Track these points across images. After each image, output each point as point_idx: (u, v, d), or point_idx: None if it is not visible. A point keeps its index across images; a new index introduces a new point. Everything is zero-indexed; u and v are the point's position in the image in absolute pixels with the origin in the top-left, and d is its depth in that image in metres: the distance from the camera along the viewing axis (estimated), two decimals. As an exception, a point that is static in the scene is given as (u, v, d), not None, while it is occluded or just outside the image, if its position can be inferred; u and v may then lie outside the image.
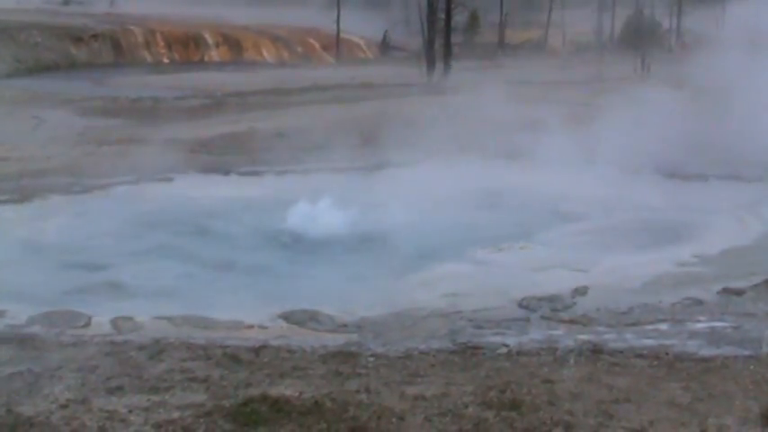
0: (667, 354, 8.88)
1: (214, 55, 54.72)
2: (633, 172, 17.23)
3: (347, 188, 16.24)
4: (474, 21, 59.36)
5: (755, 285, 11.33)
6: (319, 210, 14.87)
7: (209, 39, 55.33)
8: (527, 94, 27.64)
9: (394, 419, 7.38)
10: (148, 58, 52.68)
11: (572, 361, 8.68)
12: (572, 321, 10.15)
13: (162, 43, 53.94)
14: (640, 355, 8.84)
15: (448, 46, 44.92)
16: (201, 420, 7.35)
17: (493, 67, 46.16)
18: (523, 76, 36.16)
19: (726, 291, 11.23)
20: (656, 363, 8.66)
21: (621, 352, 8.96)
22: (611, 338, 9.40)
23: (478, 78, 23.93)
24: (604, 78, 36.21)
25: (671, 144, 17.97)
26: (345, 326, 10.16)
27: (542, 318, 10.38)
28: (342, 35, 56.48)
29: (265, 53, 55.77)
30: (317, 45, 57.59)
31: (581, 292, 11.39)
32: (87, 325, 10.00)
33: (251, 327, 10.14)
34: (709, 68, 20.00)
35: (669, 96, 20.16)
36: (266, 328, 10.13)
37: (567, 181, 16.53)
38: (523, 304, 10.90)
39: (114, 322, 10.05)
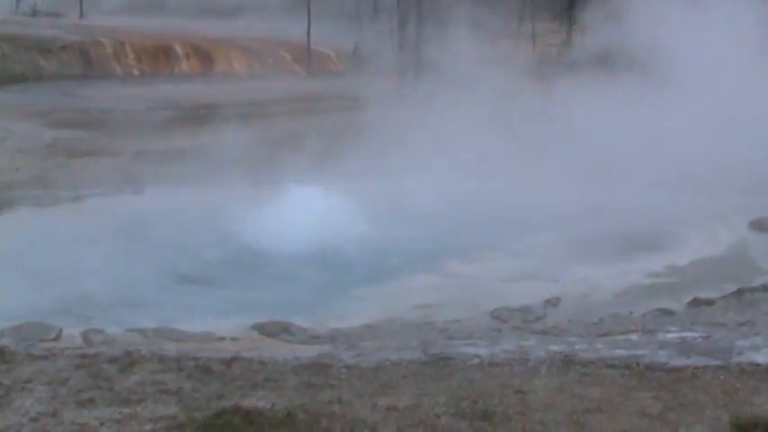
0: (638, 364, 8.91)
1: (184, 67, 54.43)
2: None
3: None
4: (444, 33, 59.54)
5: (725, 296, 11.43)
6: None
7: (180, 50, 55.06)
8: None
9: (366, 430, 7.38)
10: (118, 70, 52.30)
11: (544, 371, 8.71)
12: (543, 332, 10.21)
13: (132, 55, 53.57)
14: (611, 366, 8.87)
15: (418, 58, 45.02)
16: (173, 432, 7.34)
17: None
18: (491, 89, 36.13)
19: (696, 301, 11.32)
20: (626, 373, 8.69)
21: (593, 362, 8.98)
22: (582, 349, 9.44)
23: (448, 90, 23.84)
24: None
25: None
26: (317, 337, 10.16)
27: (514, 328, 10.42)
28: (313, 47, 56.38)
29: (236, 65, 55.50)
30: (288, 57, 57.35)
31: (553, 303, 11.47)
32: (58, 337, 9.95)
33: (223, 338, 10.13)
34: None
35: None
36: (238, 339, 10.12)
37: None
38: (495, 315, 10.95)
39: (85, 335, 10.01)
